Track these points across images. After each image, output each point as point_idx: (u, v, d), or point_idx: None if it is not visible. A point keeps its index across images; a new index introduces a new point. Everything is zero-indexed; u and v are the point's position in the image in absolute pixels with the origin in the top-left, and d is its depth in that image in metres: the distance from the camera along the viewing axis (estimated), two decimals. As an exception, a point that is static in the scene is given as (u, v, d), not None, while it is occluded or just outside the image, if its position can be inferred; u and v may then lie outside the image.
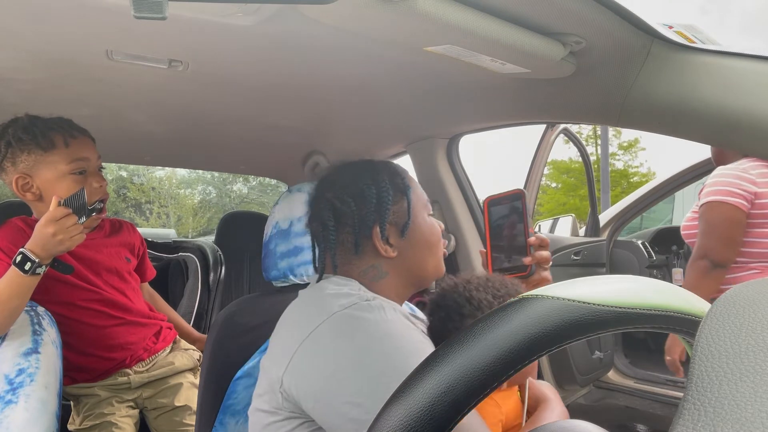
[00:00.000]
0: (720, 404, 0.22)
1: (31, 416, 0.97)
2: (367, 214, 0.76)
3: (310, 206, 0.82)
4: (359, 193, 0.77)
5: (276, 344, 0.73)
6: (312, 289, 0.75)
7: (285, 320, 0.75)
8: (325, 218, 0.77)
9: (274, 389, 0.66)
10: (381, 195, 0.77)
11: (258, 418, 0.69)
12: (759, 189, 1.56)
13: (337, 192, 0.78)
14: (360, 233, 0.76)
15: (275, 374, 0.66)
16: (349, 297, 0.69)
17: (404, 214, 0.78)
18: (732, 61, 0.73)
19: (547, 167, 8.84)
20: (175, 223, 17.65)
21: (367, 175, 0.78)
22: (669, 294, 0.34)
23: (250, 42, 0.89)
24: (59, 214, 1.01)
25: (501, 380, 0.29)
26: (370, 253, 0.77)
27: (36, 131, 1.12)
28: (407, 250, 0.78)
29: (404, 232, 0.78)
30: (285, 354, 0.66)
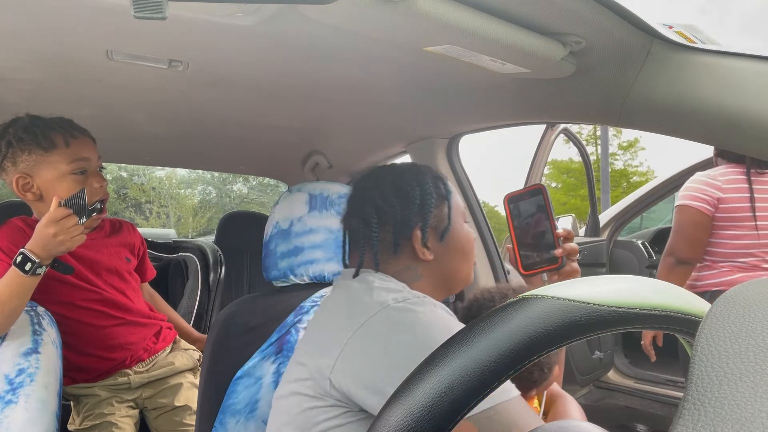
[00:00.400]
0: (720, 404, 0.22)
1: (31, 416, 0.97)
2: (410, 215, 0.77)
3: (350, 203, 0.83)
4: (404, 193, 0.78)
5: (318, 333, 0.73)
6: (357, 282, 0.75)
7: (328, 309, 0.76)
8: (368, 215, 0.78)
9: (321, 376, 0.66)
10: (424, 197, 0.78)
11: (297, 401, 0.69)
12: (724, 194, 1.73)
13: (381, 190, 0.79)
14: (400, 233, 0.77)
15: (323, 362, 0.66)
16: (400, 292, 0.69)
17: (444, 218, 0.80)
18: (732, 61, 0.73)
19: (547, 167, 8.84)
20: (175, 223, 17.65)
21: (412, 176, 0.80)
22: (669, 294, 0.34)
23: (250, 42, 0.89)
24: (60, 215, 1.01)
25: (501, 380, 0.29)
26: (407, 254, 0.78)
27: (37, 131, 1.12)
28: (443, 255, 0.79)
29: (444, 236, 0.79)
30: (334, 343, 0.66)
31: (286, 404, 0.71)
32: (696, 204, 1.73)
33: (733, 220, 1.73)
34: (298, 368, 0.71)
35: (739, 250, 1.74)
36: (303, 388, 0.68)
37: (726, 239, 1.75)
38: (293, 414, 0.69)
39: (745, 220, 1.73)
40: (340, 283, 0.79)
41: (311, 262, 0.98)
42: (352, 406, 0.64)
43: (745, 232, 1.73)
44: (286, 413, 0.70)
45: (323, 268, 0.98)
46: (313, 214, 0.99)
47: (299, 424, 0.67)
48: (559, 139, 2.32)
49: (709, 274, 1.79)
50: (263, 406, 0.89)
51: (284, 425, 0.70)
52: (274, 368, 0.91)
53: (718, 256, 1.77)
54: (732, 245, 1.75)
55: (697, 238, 1.76)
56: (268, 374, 0.90)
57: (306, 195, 1.01)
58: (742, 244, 1.74)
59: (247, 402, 0.89)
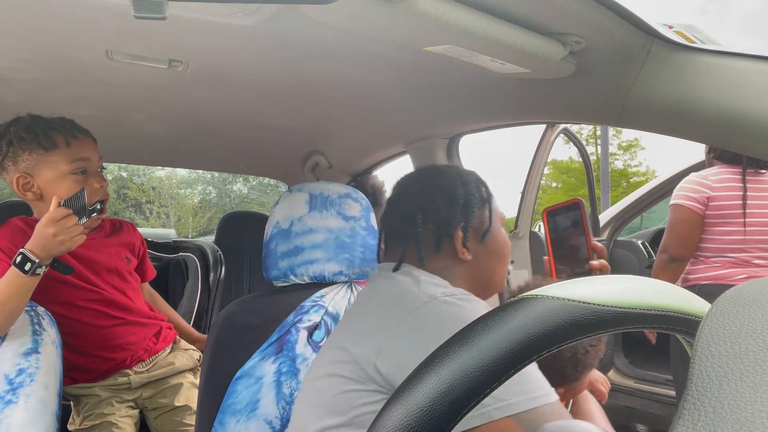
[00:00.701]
0: (720, 404, 0.22)
1: (31, 416, 0.97)
2: (453, 215, 0.79)
3: (392, 201, 0.85)
4: (448, 193, 0.80)
5: (362, 320, 0.74)
6: (402, 275, 0.76)
7: (371, 298, 0.77)
8: (413, 213, 0.79)
9: (366, 361, 0.67)
10: (468, 198, 0.80)
11: (336, 383, 0.69)
12: (714, 193, 1.79)
13: (426, 189, 0.81)
14: (443, 232, 0.78)
15: (369, 348, 0.67)
16: (447, 287, 0.71)
17: (486, 220, 0.82)
18: (732, 61, 0.73)
19: (547, 167, 8.84)
20: (175, 223, 17.64)
21: (456, 177, 0.82)
22: (669, 294, 0.34)
23: (250, 42, 0.89)
24: (60, 215, 1.01)
25: (501, 380, 0.29)
26: (447, 253, 0.79)
27: (38, 131, 1.12)
28: (482, 257, 0.81)
29: (485, 237, 0.81)
30: (381, 330, 0.67)
31: (322, 385, 0.72)
32: (687, 203, 1.80)
33: (723, 217, 1.79)
34: (338, 352, 0.72)
35: (728, 245, 1.81)
36: (343, 371, 0.69)
37: (716, 235, 1.82)
38: (329, 395, 0.70)
39: (735, 217, 1.79)
40: (382, 275, 0.80)
41: (311, 262, 0.98)
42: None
43: (734, 228, 1.80)
44: (320, 393, 0.71)
45: (323, 268, 0.98)
46: (313, 214, 0.99)
47: (335, 405, 0.68)
48: (559, 139, 2.32)
49: (700, 269, 1.85)
50: (264, 405, 0.89)
51: (317, 406, 0.71)
52: (275, 368, 0.91)
53: (709, 252, 1.83)
54: (722, 240, 1.81)
55: (688, 236, 1.82)
56: (269, 374, 0.90)
57: (306, 195, 1.01)
58: (731, 239, 1.80)
59: (247, 401, 0.89)
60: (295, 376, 0.91)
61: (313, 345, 0.94)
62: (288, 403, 0.90)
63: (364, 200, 1.06)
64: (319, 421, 0.69)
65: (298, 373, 0.91)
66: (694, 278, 1.86)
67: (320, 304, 0.98)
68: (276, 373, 0.91)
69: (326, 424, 0.68)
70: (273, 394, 0.89)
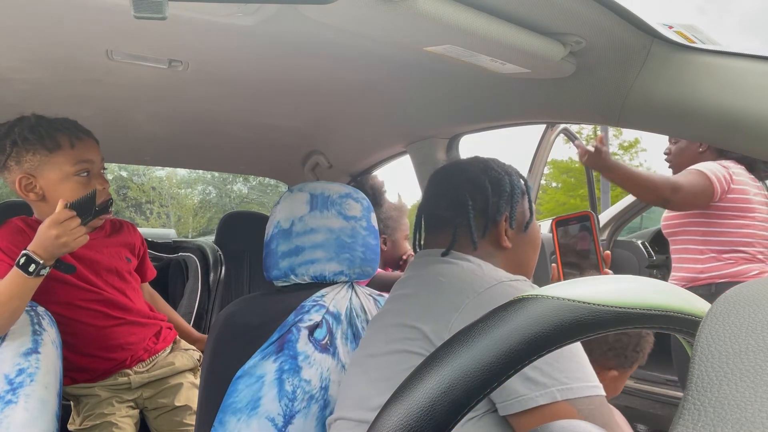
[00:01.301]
0: (720, 404, 0.22)
1: (31, 416, 0.97)
2: (500, 203, 0.82)
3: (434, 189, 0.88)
4: (495, 181, 0.83)
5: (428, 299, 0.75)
6: (461, 260, 0.79)
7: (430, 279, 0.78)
8: (463, 199, 0.82)
9: (437, 336, 0.68)
10: (513, 188, 0.84)
11: (404, 358, 0.71)
12: (734, 185, 1.75)
13: (473, 177, 0.84)
14: (490, 219, 0.81)
15: (439, 323, 0.69)
16: (509, 274, 0.74)
17: (526, 211, 0.86)
18: (732, 61, 0.73)
19: (547, 167, 8.83)
20: (175, 223, 17.64)
21: (500, 168, 0.86)
22: (669, 294, 0.34)
23: (250, 42, 0.89)
24: (64, 217, 1.01)
25: (501, 380, 0.29)
26: (491, 240, 0.83)
27: (42, 131, 1.12)
28: (521, 245, 0.85)
29: (527, 227, 0.85)
30: (451, 307, 0.69)
31: (389, 360, 0.73)
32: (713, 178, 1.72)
33: (739, 210, 1.76)
34: (404, 330, 0.73)
35: (741, 239, 1.77)
36: (413, 347, 0.71)
37: (730, 228, 1.77)
38: (398, 370, 0.71)
39: (749, 211, 1.76)
40: (433, 260, 0.82)
41: (312, 261, 0.98)
42: None
43: (749, 222, 1.77)
44: (384, 369, 0.73)
45: (324, 268, 0.98)
46: (314, 213, 0.99)
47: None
48: (559, 139, 2.32)
49: (714, 266, 1.79)
50: (266, 403, 0.89)
51: (383, 380, 0.73)
52: (276, 366, 0.91)
53: (722, 245, 1.78)
54: (736, 234, 1.77)
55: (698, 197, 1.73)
56: (270, 372, 0.90)
57: (307, 195, 1.01)
58: (744, 233, 1.77)
59: (248, 400, 0.89)
60: (298, 373, 0.91)
61: (314, 343, 0.94)
62: (291, 400, 0.90)
63: (364, 200, 1.06)
64: (385, 394, 0.70)
65: (301, 370, 0.91)
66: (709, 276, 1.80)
67: (321, 303, 0.98)
68: (277, 371, 0.90)
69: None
70: (275, 392, 0.89)
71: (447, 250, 0.82)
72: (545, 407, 0.58)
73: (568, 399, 0.58)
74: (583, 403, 0.58)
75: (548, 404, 0.58)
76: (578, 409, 0.58)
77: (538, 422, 0.59)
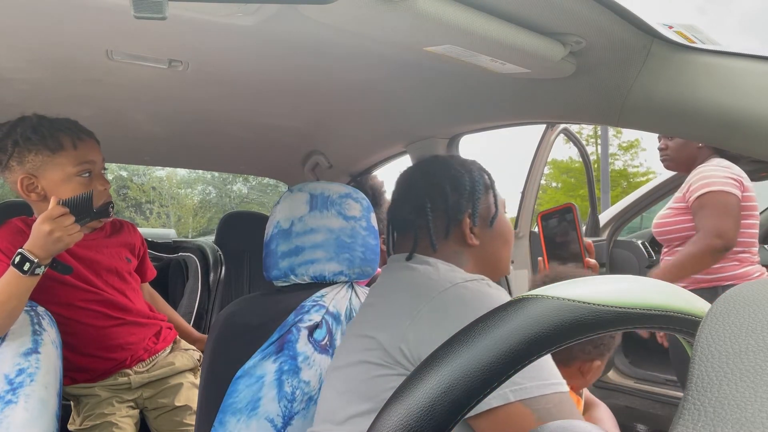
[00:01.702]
0: (720, 404, 0.22)
1: (31, 416, 0.97)
2: (461, 201, 0.81)
3: (399, 193, 0.87)
4: (455, 180, 0.82)
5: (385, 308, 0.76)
6: (419, 264, 0.79)
7: (391, 286, 0.79)
8: (422, 202, 0.82)
9: (392, 346, 0.69)
10: (474, 184, 0.83)
11: (364, 369, 0.71)
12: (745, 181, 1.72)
13: (432, 178, 0.83)
14: (452, 218, 0.81)
15: (394, 332, 0.69)
16: (466, 274, 0.74)
17: (491, 206, 0.85)
18: (732, 61, 0.73)
19: (547, 167, 8.83)
20: (175, 223, 17.64)
21: (460, 165, 0.85)
22: (669, 294, 0.34)
23: (250, 42, 0.89)
24: (56, 213, 1.01)
25: (501, 380, 0.29)
26: (456, 239, 0.82)
27: (44, 132, 1.12)
28: (489, 241, 0.84)
29: (493, 222, 0.84)
30: (405, 315, 0.69)
31: (350, 372, 0.73)
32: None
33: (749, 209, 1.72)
34: (363, 340, 0.74)
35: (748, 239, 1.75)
36: (370, 357, 0.71)
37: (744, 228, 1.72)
38: (358, 381, 0.71)
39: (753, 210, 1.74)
40: (396, 266, 0.82)
41: (312, 261, 0.98)
42: None
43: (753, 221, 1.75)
44: (349, 381, 0.73)
45: (324, 268, 0.98)
46: (313, 213, 0.99)
47: (366, 391, 0.70)
48: (559, 139, 2.32)
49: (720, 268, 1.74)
50: (266, 404, 0.89)
51: (348, 392, 0.73)
52: (276, 367, 0.91)
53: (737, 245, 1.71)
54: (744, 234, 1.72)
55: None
56: (270, 373, 0.90)
57: (307, 195, 1.01)
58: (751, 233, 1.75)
59: (248, 400, 0.89)
60: (297, 374, 0.91)
61: (314, 343, 0.94)
62: (290, 401, 0.90)
63: (364, 200, 1.06)
64: (349, 407, 0.71)
65: (300, 371, 0.91)
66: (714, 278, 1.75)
67: (321, 303, 0.98)
68: (277, 372, 0.90)
69: (356, 410, 0.70)
70: (274, 393, 0.89)
71: (410, 254, 0.81)
72: (499, 409, 0.57)
73: (521, 399, 0.57)
74: (538, 403, 0.57)
75: (502, 406, 0.57)
76: (533, 410, 0.57)
77: (493, 425, 0.58)
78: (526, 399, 0.57)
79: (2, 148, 1.12)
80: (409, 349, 0.67)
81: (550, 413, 0.57)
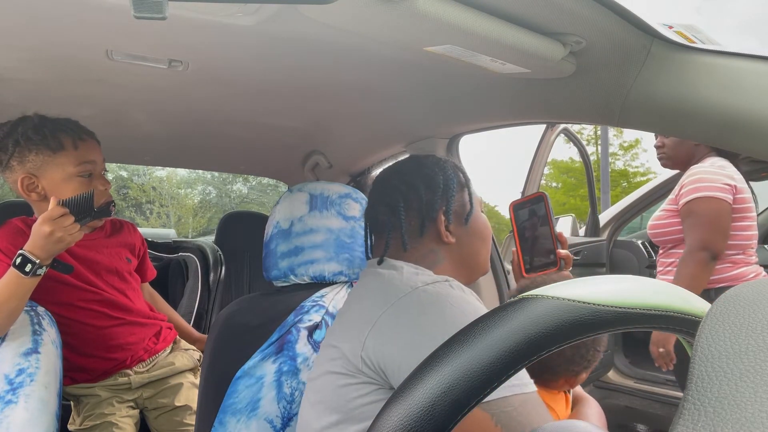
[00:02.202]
0: (720, 404, 0.22)
1: (31, 416, 0.97)
2: (434, 199, 0.80)
3: (374, 194, 0.87)
4: (428, 179, 0.82)
5: (348, 316, 0.75)
6: (385, 268, 0.78)
7: (358, 295, 0.78)
8: (395, 201, 0.81)
9: (353, 354, 0.68)
10: (447, 182, 0.82)
11: (331, 380, 0.71)
12: (739, 185, 1.69)
13: (406, 177, 0.83)
14: (426, 216, 0.80)
15: (354, 341, 0.69)
16: (429, 276, 0.73)
17: (466, 204, 0.84)
18: (732, 61, 0.73)
19: (547, 167, 8.84)
20: (175, 223, 17.65)
21: (434, 164, 0.84)
22: (669, 294, 0.34)
23: (250, 42, 0.89)
24: (56, 214, 1.01)
25: (502, 380, 0.29)
26: (431, 237, 0.81)
27: (46, 132, 1.12)
28: (465, 239, 0.83)
29: (468, 219, 0.83)
30: (365, 322, 0.69)
31: (320, 384, 0.73)
32: (721, 195, 1.66)
33: (741, 212, 1.71)
34: (330, 350, 0.73)
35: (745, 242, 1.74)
36: (335, 367, 0.70)
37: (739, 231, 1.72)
38: (327, 392, 0.71)
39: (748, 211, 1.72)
40: (368, 272, 0.82)
41: (312, 262, 0.98)
42: (383, 384, 0.66)
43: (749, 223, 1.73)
44: (319, 392, 0.73)
45: (323, 268, 0.98)
46: (313, 213, 0.99)
47: (333, 402, 0.70)
48: (559, 139, 2.32)
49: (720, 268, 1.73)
50: (265, 405, 0.89)
51: (318, 403, 0.73)
52: (275, 368, 0.91)
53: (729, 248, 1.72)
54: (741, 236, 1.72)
55: (728, 230, 1.68)
56: (270, 374, 0.90)
57: (306, 195, 1.01)
58: (747, 235, 1.74)
59: (248, 401, 0.89)
60: (296, 375, 0.91)
61: (313, 344, 0.94)
62: (289, 402, 0.90)
63: (364, 200, 1.06)
64: (321, 418, 0.71)
65: (299, 372, 0.91)
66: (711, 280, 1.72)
67: (320, 304, 0.98)
68: (277, 373, 0.90)
69: (327, 421, 0.70)
70: (274, 394, 0.89)
71: (381, 258, 0.81)
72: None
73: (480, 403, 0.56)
74: (497, 406, 0.56)
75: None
76: (491, 413, 0.55)
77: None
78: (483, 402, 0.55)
79: (3, 148, 1.12)
80: (368, 357, 0.67)
81: (510, 416, 0.55)
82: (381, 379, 0.66)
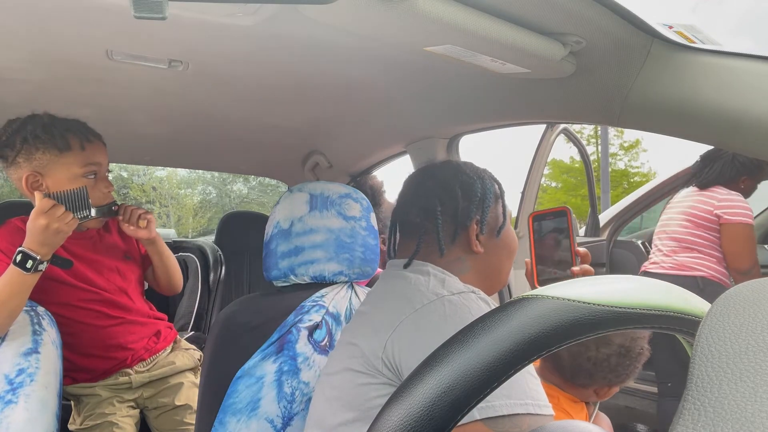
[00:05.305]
0: (720, 404, 0.22)
1: (31, 416, 0.97)
2: (471, 207, 0.80)
3: (406, 194, 0.86)
4: (467, 186, 0.81)
5: (371, 316, 0.75)
6: (412, 272, 0.77)
7: (381, 293, 0.78)
8: (431, 205, 0.81)
9: (373, 355, 0.68)
10: (485, 192, 0.82)
11: (349, 377, 0.71)
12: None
13: (443, 182, 0.82)
14: (460, 224, 0.80)
15: (375, 342, 0.69)
16: (455, 285, 0.72)
17: (499, 216, 0.84)
18: (732, 61, 0.73)
19: (547, 167, 8.83)
20: (175, 223, 17.65)
21: (473, 172, 0.84)
22: (669, 294, 0.34)
23: (250, 42, 0.89)
24: (47, 206, 1.01)
25: (501, 380, 0.29)
26: (461, 245, 0.81)
27: (54, 131, 1.13)
28: (493, 250, 0.83)
29: (500, 232, 0.83)
30: (387, 325, 0.69)
31: (338, 380, 0.73)
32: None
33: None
34: (349, 348, 0.73)
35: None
36: (354, 364, 0.70)
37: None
38: (345, 389, 0.71)
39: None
40: (393, 273, 0.81)
41: (312, 262, 0.98)
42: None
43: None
44: (336, 388, 0.73)
45: (324, 268, 0.98)
46: (313, 213, 0.99)
47: (351, 399, 0.70)
48: (559, 139, 2.32)
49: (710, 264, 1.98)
50: (265, 404, 0.89)
51: (335, 399, 0.73)
52: (276, 367, 0.91)
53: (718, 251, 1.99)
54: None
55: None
56: (270, 373, 0.90)
57: (307, 195, 1.01)
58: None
59: (248, 401, 0.89)
60: (296, 375, 0.91)
61: (313, 344, 0.94)
62: (289, 402, 0.90)
63: (364, 200, 1.06)
64: (336, 415, 0.71)
65: (299, 372, 0.91)
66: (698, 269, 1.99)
67: (321, 304, 0.98)
68: (277, 373, 0.90)
69: (343, 418, 0.70)
70: (274, 393, 0.89)
71: (409, 260, 0.80)
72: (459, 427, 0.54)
73: (485, 418, 0.53)
74: (502, 425, 0.53)
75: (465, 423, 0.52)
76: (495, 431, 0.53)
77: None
78: (489, 418, 0.53)
79: (11, 144, 1.12)
80: (388, 359, 0.67)
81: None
82: (399, 381, 0.66)
